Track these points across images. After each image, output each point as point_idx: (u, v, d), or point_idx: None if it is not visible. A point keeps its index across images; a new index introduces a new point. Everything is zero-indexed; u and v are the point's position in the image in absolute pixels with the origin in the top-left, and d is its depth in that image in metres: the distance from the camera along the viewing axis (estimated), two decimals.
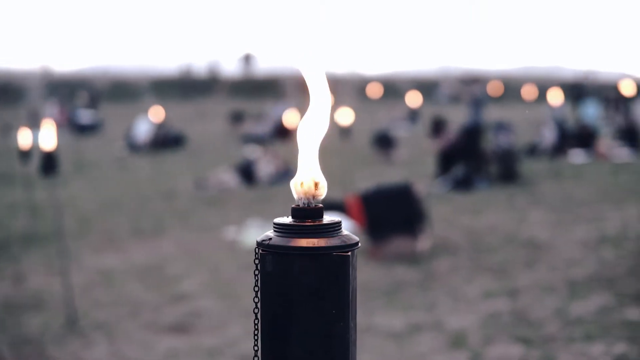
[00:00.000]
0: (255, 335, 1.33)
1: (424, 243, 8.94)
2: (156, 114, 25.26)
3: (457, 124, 18.77)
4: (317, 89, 1.38)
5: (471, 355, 5.64)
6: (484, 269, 8.06)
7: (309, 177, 1.33)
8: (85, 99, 38.10)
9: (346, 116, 14.58)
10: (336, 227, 1.31)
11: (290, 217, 1.32)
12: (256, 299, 1.30)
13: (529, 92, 35.04)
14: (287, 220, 1.32)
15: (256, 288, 1.30)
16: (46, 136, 7.30)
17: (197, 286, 7.97)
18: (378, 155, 19.27)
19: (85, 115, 32.05)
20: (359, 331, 1.77)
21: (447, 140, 15.43)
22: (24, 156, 11.50)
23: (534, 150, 18.36)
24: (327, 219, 1.33)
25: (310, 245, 1.27)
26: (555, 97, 20.32)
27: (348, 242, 1.29)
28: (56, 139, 7.43)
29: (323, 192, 1.34)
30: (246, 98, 46.00)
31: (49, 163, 7.31)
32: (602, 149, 17.92)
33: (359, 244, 1.30)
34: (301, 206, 1.32)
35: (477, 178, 14.13)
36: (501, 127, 17.62)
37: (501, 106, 33.92)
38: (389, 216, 8.97)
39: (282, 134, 24.73)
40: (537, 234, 9.60)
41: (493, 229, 10.07)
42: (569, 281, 7.33)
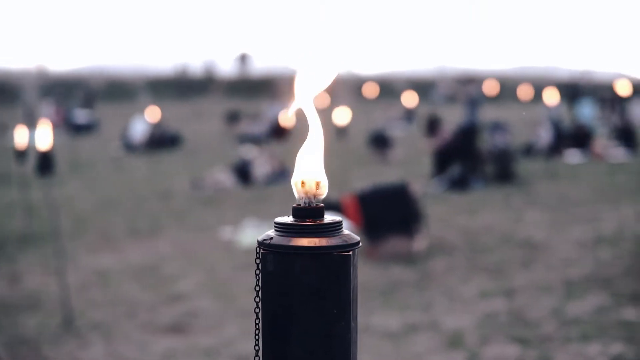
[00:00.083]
0: (256, 335, 1.32)
1: (420, 243, 8.94)
2: (152, 113, 25.25)
3: (453, 123, 18.78)
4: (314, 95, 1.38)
5: (468, 355, 5.64)
6: (480, 269, 8.06)
7: (310, 177, 1.33)
8: (81, 98, 38.10)
9: (343, 116, 14.58)
10: (337, 226, 1.31)
11: (291, 216, 1.32)
12: (257, 299, 1.30)
13: (524, 92, 35.06)
14: (288, 219, 1.32)
15: (257, 287, 1.30)
16: (42, 136, 7.29)
17: (193, 286, 7.96)
18: (374, 155, 19.27)
19: (81, 115, 32.03)
20: None
21: (442, 139, 15.43)
22: (20, 156, 11.50)
23: (530, 150, 18.38)
24: (328, 218, 1.32)
25: (311, 245, 1.26)
26: (551, 97, 20.34)
27: (349, 242, 1.29)
28: (52, 138, 7.42)
29: (324, 191, 1.34)
30: (242, 98, 46.03)
31: (45, 163, 7.29)
32: (598, 149, 17.94)
33: (360, 244, 1.30)
34: (302, 205, 1.32)
35: (473, 178, 14.14)
36: (497, 127, 17.65)
37: (497, 106, 33.94)
38: (385, 216, 8.96)
39: (278, 133, 24.74)
40: (534, 234, 9.61)
41: (489, 229, 10.07)
42: (566, 281, 7.33)
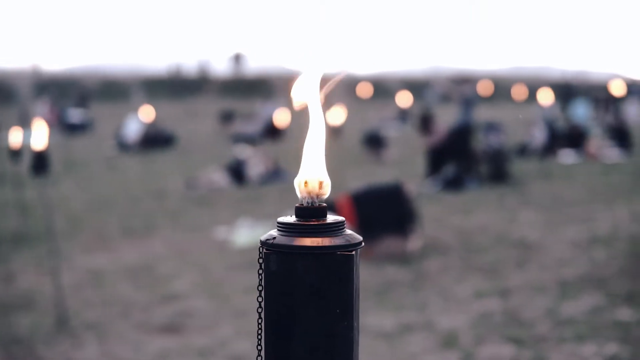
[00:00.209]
0: (259, 334, 1.32)
1: (414, 243, 8.94)
2: (146, 113, 25.23)
3: (447, 123, 18.79)
4: (315, 93, 1.38)
5: (462, 355, 5.64)
6: (475, 269, 8.06)
7: (314, 176, 1.33)
8: (75, 98, 38.04)
9: (337, 116, 14.57)
10: (340, 226, 1.30)
11: (294, 216, 1.32)
12: (260, 298, 1.30)
13: (519, 92, 35.11)
14: (291, 219, 1.31)
15: (260, 287, 1.29)
16: (38, 136, 7.27)
17: (187, 286, 7.95)
18: (368, 155, 19.28)
19: (75, 115, 31.98)
20: None
21: (437, 137, 15.43)
22: (14, 155, 11.48)
23: (524, 151, 18.41)
24: (331, 218, 1.32)
25: (314, 245, 1.26)
26: (545, 97, 20.38)
27: (352, 242, 1.29)
28: (47, 138, 7.40)
29: (327, 191, 1.33)
30: (236, 97, 46.00)
31: (39, 162, 7.28)
32: (592, 149, 17.98)
33: (363, 243, 1.30)
34: (305, 205, 1.32)
35: (468, 178, 14.15)
36: (491, 127, 17.68)
37: (491, 106, 33.98)
38: (379, 216, 8.96)
39: (272, 133, 24.74)
40: (528, 234, 9.62)
41: (484, 229, 10.08)
42: (560, 281, 7.34)
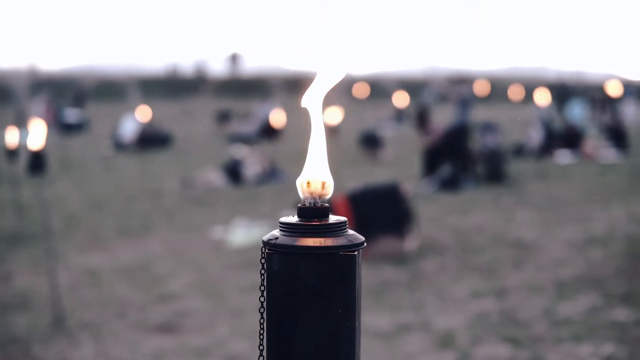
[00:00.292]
0: (261, 334, 1.32)
1: (411, 243, 8.94)
2: (143, 113, 25.22)
3: (444, 122, 18.80)
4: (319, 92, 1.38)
5: (459, 355, 5.64)
6: (472, 269, 8.07)
7: (316, 177, 1.33)
8: (71, 98, 38.00)
9: (334, 115, 14.55)
10: (342, 226, 1.30)
11: (296, 216, 1.32)
12: (262, 298, 1.29)
13: (515, 93, 35.14)
14: (294, 219, 1.31)
15: (262, 287, 1.29)
16: (34, 136, 7.26)
17: (183, 286, 7.95)
18: (365, 155, 19.28)
19: (72, 114, 31.92)
20: None
21: (434, 135, 15.43)
22: (11, 155, 11.47)
23: (520, 151, 18.43)
24: (334, 218, 1.32)
25: (316, 245, 1.26)
26: (541, 97, 20.39)
27: (354, 242, 1.29)
28: (44, 138, 7.39)
29: (330, 191, 1.33)
30: (233, 97, 46.00)
31: (36, 162, 7.27)
32: (589, 149, 17.99)
33: (365, 244, 1.30)
34: (307, 205, 1.32)
35: (464, 178, 14.16)
36: (488, 127, 17.67)
37: (488, 106, 33.99)
38: (376, 216, 8.95)
39: (268, 133, 24.75)
40: (525, 234, 9.62)
41: (480, 229, 10.09)
42: (557, 281, 7.34)
